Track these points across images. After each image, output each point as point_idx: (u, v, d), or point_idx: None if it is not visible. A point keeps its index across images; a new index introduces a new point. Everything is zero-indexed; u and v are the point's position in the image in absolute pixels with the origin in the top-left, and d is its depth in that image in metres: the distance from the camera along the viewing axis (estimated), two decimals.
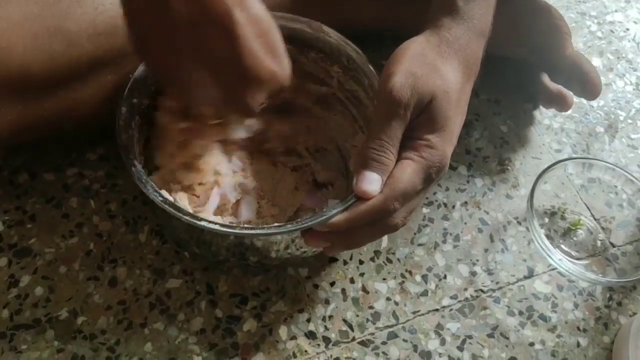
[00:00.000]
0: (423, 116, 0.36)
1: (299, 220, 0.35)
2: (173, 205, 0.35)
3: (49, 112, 0.40)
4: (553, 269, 0.47)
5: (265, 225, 0.35)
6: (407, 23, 0.47)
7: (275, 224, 0.35)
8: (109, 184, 0.47)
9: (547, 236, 0.48)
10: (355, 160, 0.36)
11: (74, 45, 0.39)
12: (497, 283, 0.46)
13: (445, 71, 0.36)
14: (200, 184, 0.41)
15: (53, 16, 0.38)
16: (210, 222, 0.34)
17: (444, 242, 0.48)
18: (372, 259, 0.46)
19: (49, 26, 0.38)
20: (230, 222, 0.40)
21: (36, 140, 0.44)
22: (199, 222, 0.34)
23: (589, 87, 0.51)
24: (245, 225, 0.35)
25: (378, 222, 0.35)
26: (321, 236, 0.35)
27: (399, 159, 0.36)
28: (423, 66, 0.36)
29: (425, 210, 0.49)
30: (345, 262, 0.45)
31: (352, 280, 0.45)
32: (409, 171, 0.35)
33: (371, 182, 0.35)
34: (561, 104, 0.53)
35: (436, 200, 0.50)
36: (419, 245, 0.47)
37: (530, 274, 0.47)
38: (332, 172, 0.45)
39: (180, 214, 0.34)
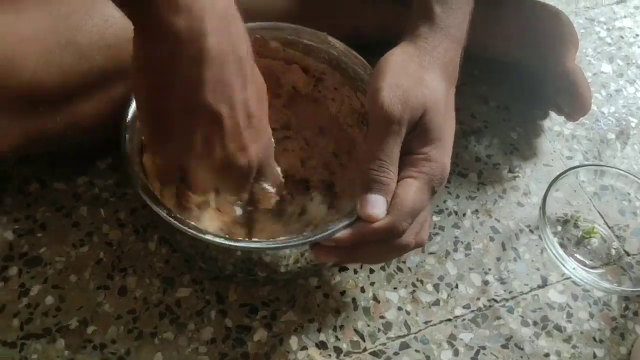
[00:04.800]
0: (417, 130, 0.35)
1: (305, 234, 0.35)
2: (176, 218, 0.34)
3: (60, 125, 0.40)
4: (567, 278, 0.46)
5: (272, 240, 0.35)
6: None
7: (283, 238, 0.35)
8: (118, 193, 0.47)
9: (561, 245, 0.47)
10: (357, 182, 0.36)
11: (85, 59, 0.39)
12: (510, 293, 0.45)
13: (430, 81, 0.36)
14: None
15: (65, 30, 0.38)
16: (215, 235, 0.34)
17: (456, 251, 0.47)
18: (382, 268, 0.45)
19: (61, 40, 0.38)
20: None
21: (45, 151, 0.44)
22: (203, 236, 0.33)
23: (576, 104, 0.50)
24: (253, 240, 0.35)
25: (389, 242, 0.35)
26: (329, 251, 0.35)
27: (399, 177, 0.35)
28: (408, 78, 0.35)
29: (436, 218, 0.49)
30: (355, 272, 0.45)
31: (363, 290, 0.44)
32: (413, 190, 0.34)
33: (375, 206, 0.34)
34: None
35: (447, 209, 0.49)
36: (430, 254, 0.47)
37: (544, 284, 0.46)
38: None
39: (184, 227, 0.33)
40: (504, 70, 0.57)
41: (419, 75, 0.36)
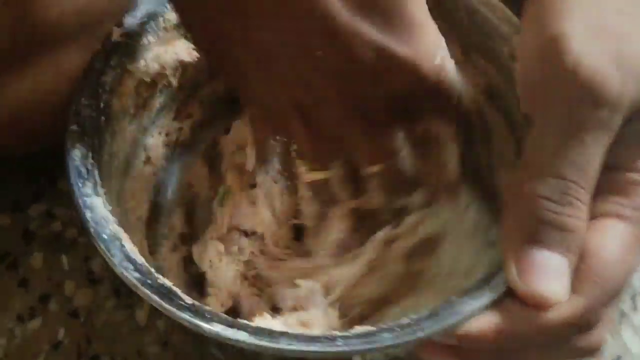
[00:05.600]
0: (637, 124, 0.20)
1: (407, 323, 0.19)
2: (148, 273, 0.20)
3: None
4: None
5: (338, 334, 0.19)
6: None
7: (358, 330, 0.19)
8: None
9: None
10: (507, 223, 0.20)
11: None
12: None
13: None
14: None
15: None
16: (222, 320, 0.19)
17: None
18: None
19: None
20: None
21: None
22: (206, 326, 0.19)
23: None
24: (300, 333, 0.19)
25: (566, 341, 0.20)
26: (450, 352, 0.21)
27: (591, 213, 0.20)
28: (621, 19, 0.20)
29: None
30: None
31: None
32: (619, 241, 0.20)
33: (549, 275, 0.19)
34: None
35: None
36: None
37: None
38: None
39: (159, 299, 0.19)
40: None
41: (636, 14, 0.21)
